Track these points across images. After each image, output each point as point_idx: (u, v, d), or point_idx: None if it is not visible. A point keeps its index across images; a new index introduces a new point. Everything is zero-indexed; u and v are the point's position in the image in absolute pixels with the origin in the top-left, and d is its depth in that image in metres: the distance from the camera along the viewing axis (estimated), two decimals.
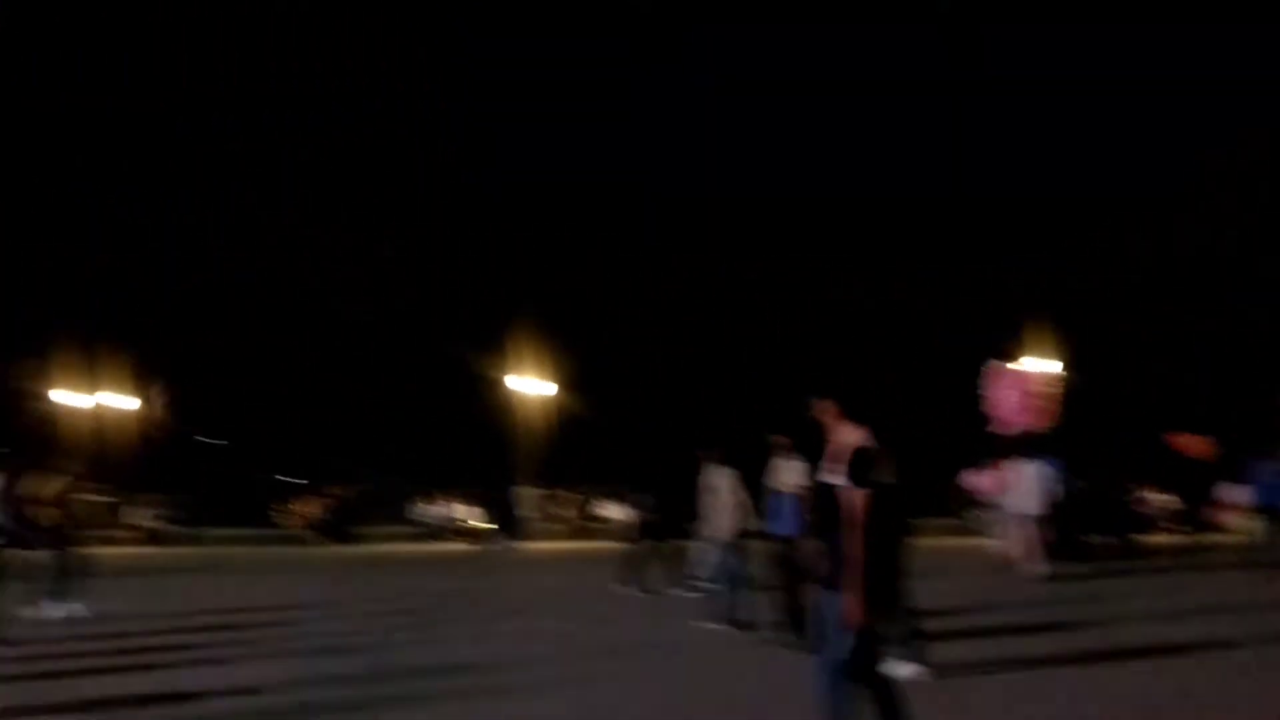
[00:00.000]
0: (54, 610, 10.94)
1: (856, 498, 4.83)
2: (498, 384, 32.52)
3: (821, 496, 5.06)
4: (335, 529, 28.53)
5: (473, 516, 30.50)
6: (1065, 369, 26.64)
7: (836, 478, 4.94)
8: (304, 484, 36.09)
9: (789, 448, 9.30)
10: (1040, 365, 23.70)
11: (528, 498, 29.26)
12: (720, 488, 10.22)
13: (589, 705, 6.92)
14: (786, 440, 9.37)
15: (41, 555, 11.15)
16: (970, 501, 23.39)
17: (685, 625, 10.22)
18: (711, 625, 9.88)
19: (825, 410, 5.12)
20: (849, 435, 5.01)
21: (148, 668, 8.56)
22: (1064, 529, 15.90)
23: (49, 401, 35.78)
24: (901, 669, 6.76)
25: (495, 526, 26.85)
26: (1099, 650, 8.36)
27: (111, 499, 32.55)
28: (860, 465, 4.89)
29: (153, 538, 30.65)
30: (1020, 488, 14.87)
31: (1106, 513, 17.55)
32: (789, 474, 9.19)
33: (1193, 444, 15.73)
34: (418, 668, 8.42)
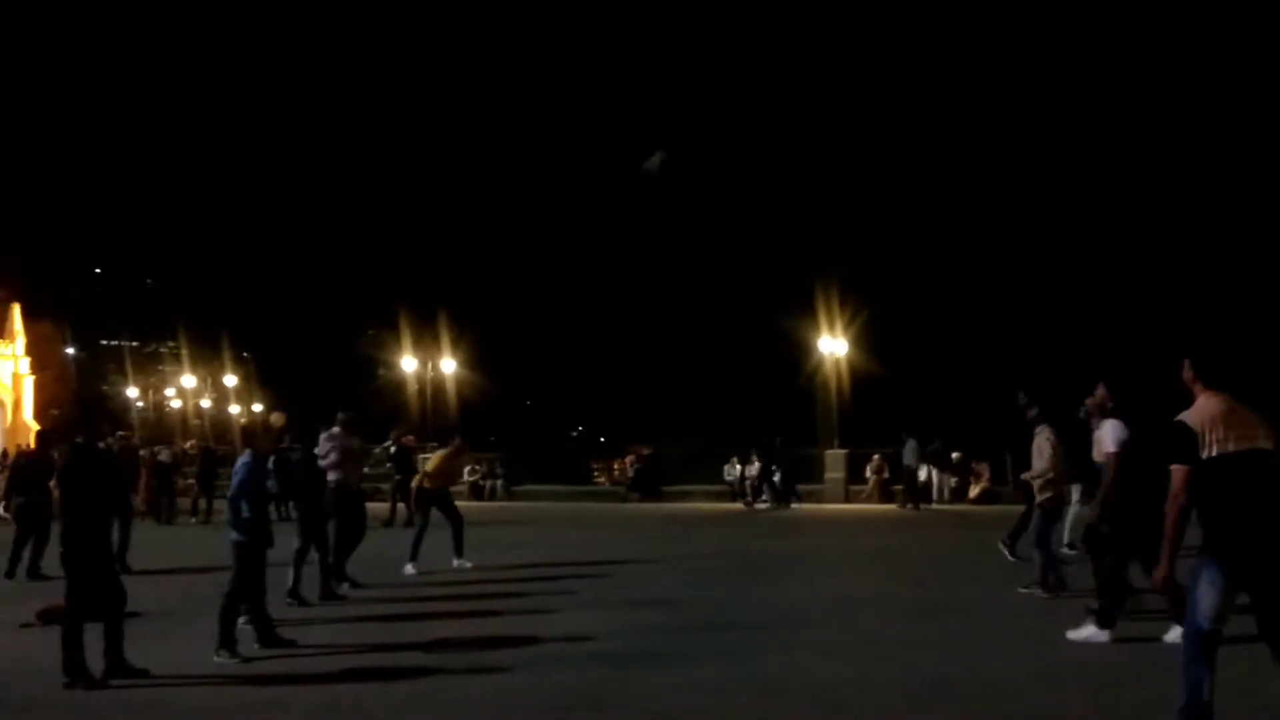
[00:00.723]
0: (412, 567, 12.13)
1: (1176, 474, 4.80)
2: (806, 346, 32.63)
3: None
4: (649, 486, 29.67)
5: (778, 477, 30.89)
6: None
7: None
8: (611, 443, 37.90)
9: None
10: None
11: (834, 459, 29.24)
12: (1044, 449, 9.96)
13: (894, 663, 7.04)
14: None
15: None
16: None
17: (1005, 589, 10.06)
18: (1028, 590, 9.73)
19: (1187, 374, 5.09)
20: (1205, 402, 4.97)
21: (487, 614, 9.47)
22: None
23: (396, 368, 39.34)
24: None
25: (797, 488, 27.08)
26: None
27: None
28: (1180, 442, 4.84)
29: (476, 492, 32.94)
30: None
31: None
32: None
33: None
34: (738, 621, 8.82)
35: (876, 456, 29.65)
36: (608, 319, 44.41)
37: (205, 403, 55.08)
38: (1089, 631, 7.53)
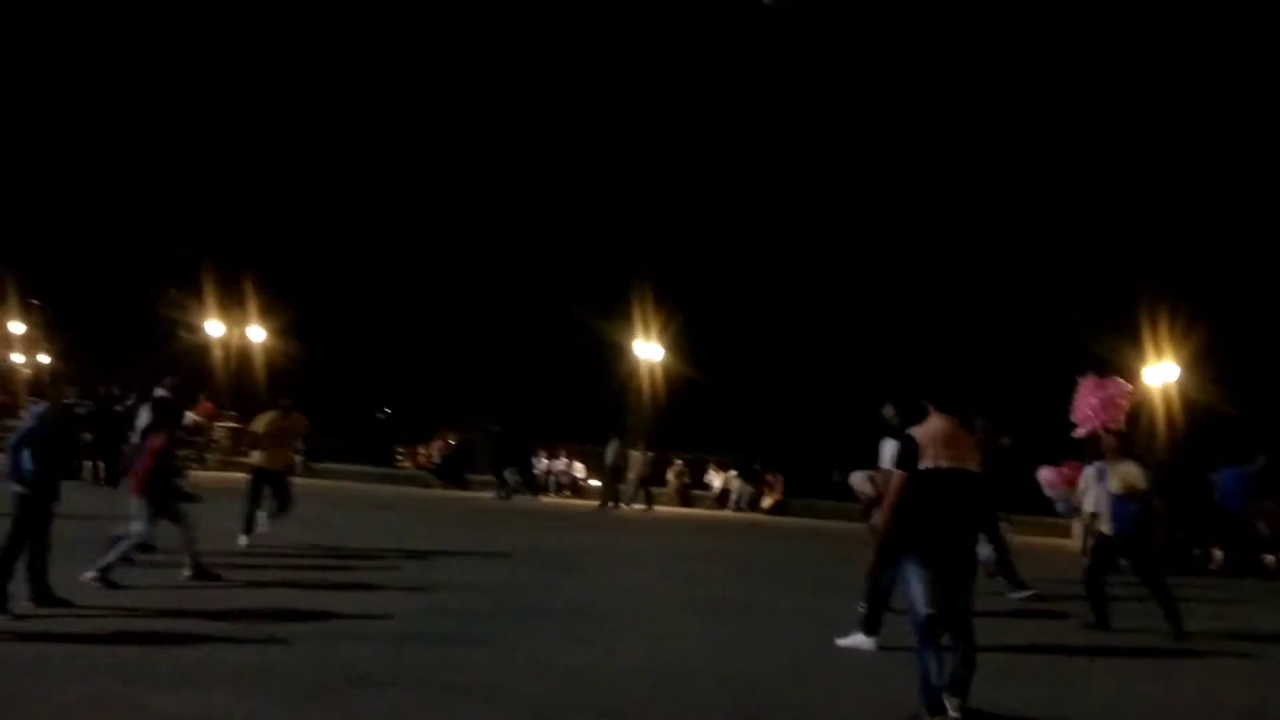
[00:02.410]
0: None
1: (895, 479, 5.81)
2: (619, 347, 33.14)
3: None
4: (455, 473, 29.61)
5: (585, 474, 31.37)
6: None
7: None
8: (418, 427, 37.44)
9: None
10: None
11: (637, 461, 29.84)
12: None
13: (671, 654, 7.45)
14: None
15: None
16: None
17: (783, 595, 10.67)
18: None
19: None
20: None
21: (283, 586, 9.45)
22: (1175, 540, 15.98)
23: (201, 332, 37.76)
24: None
25: (605, 485, 27.58)
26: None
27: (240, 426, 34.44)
28: (906, 452, 5.84)
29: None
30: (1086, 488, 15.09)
31: (1227, 528, 17.25)
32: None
33: None
34: (531, 608, 9.09)
35: (679, 461, 30.54)
36: (428, 302, 43.84)
37: None
38: (856, 639, 8.11)
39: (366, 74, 43.22)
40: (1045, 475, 16.20)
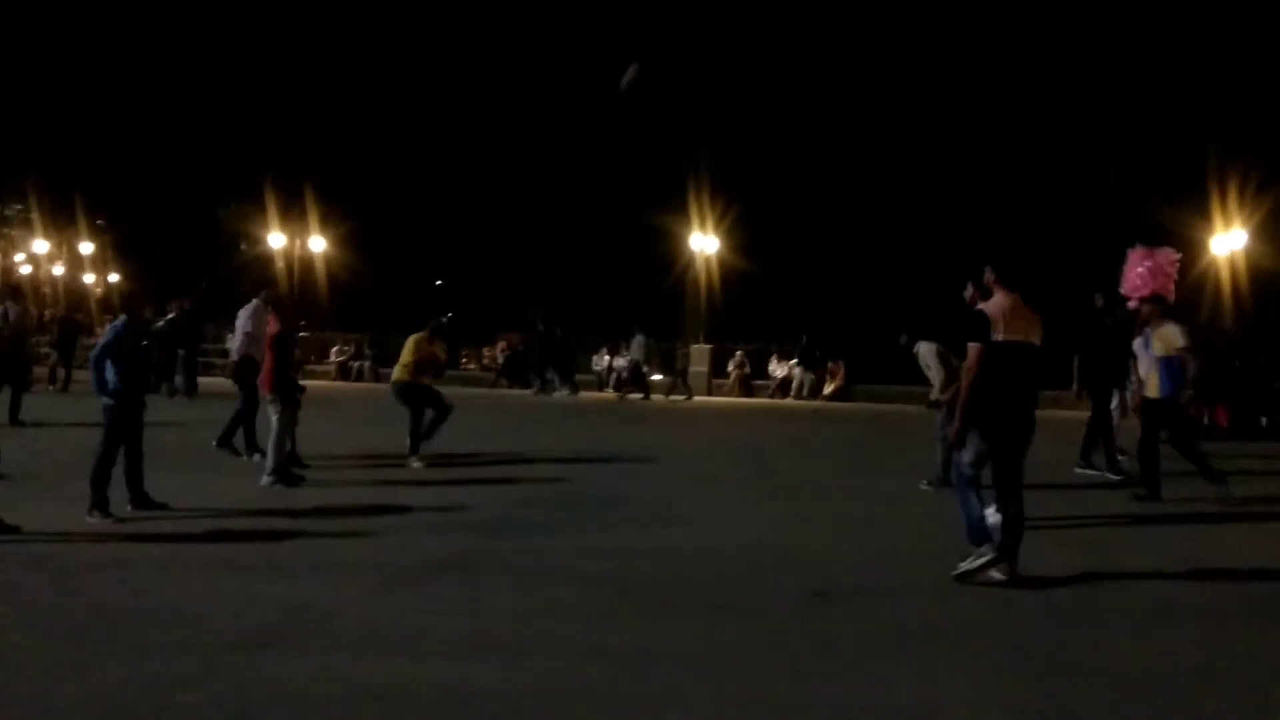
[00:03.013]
0: None
1: (972, 351, 6.10)
2: (675, 240, 33.05)
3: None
4: (520, 374, 29.93)
5: (649, 369, 31.62)
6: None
7: None
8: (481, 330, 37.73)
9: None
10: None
11: (699, 354, 30.01)
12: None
13: (741, 536, 7.68)
14: None
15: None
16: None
17: (858, 477, 10.84)
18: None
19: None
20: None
21: (362, 484, 9.84)
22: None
23: (263, 244, 38.28)
24: None
25: (671, 379, 27.83)
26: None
27: (308, 336, 35.21)
28: (978, 325, 6.17)
29: (344, 373, 32.77)
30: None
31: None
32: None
33: None
34: (600, 499, 9.37)
35: (739, 353, 30.63)
36: (477, 209, 43.93)
37: (58, 270, 52.79)
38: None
39: None
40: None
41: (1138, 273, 10.16)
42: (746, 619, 5.45)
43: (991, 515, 7.34)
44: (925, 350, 9.93)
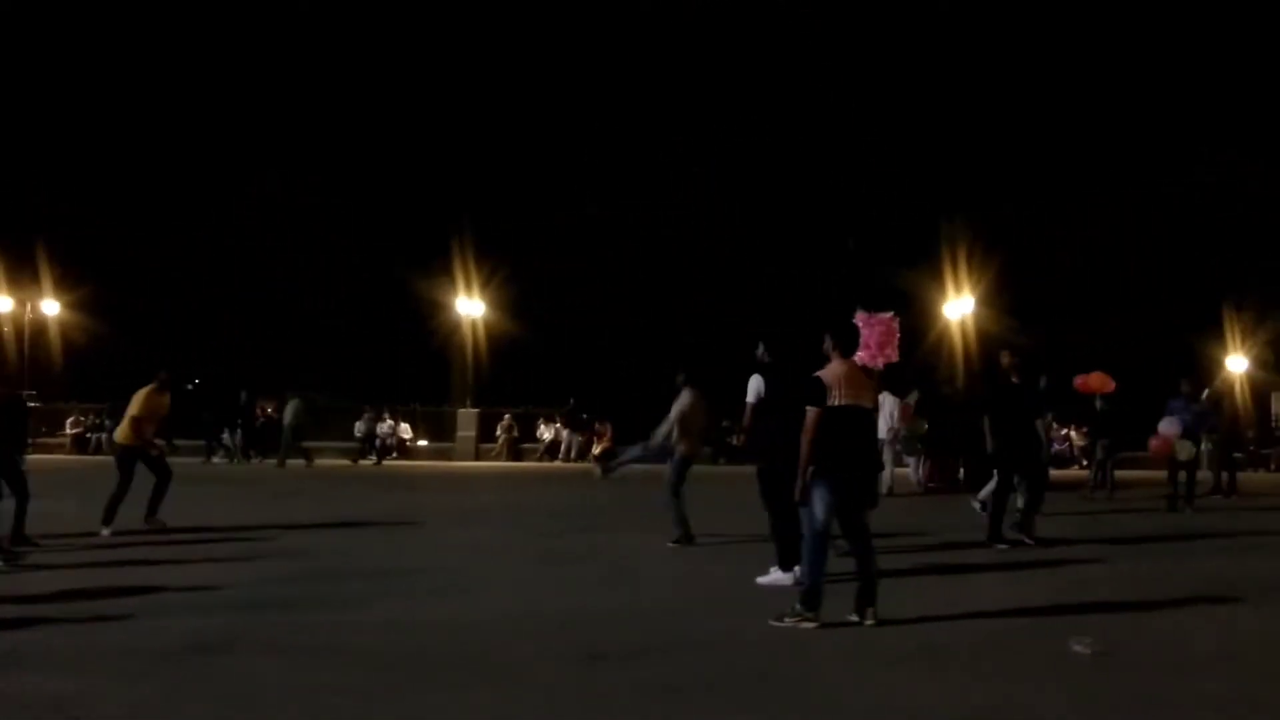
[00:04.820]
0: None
1: (811, 414, 6.68)
2: (440, 306, 32.84)
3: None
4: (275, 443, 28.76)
5: (413, 434, 31.14)
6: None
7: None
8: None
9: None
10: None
11: (466, 418, 29.83)
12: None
13: (514, 602, 7.69)
14: None
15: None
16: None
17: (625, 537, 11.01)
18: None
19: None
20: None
21: (108, 565, 9.20)
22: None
23: None
24: None
25: (431, 444, 27.54)
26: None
27: (39, 406, 32.67)
28: (816, 391, 6.73)
29: (80, 445, 30.67)
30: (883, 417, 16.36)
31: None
32: None
33: (1095, 381, 16.82)
34: (365, 570, 9.14)
35: (507, 416, 30.66)
36: (231, 270, 42.30)
37: None
38: (774, 575, 8.39)
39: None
40: None
41: (866, 339, 11.00)
42: (520, 684, 5.46)
43: (777, 576, 7.90)
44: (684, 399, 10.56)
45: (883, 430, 16.45)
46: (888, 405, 16.63)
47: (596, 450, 28.46)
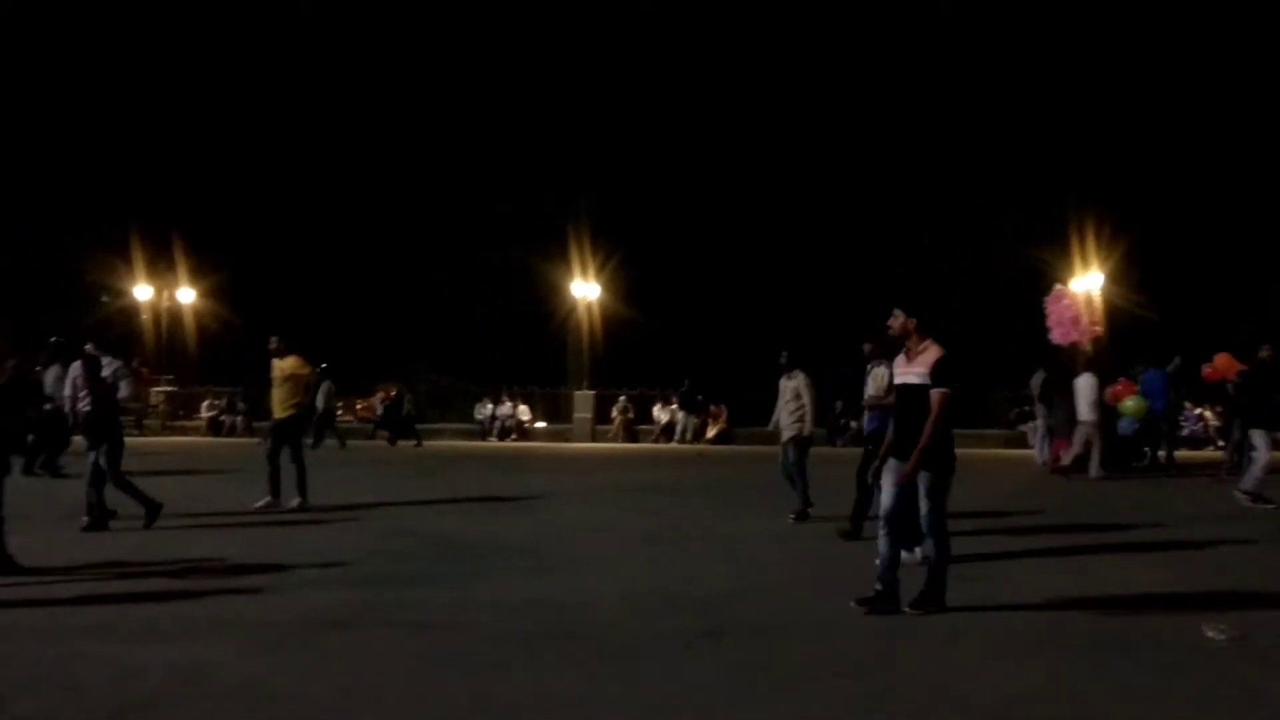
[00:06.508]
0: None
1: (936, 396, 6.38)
2: (556, 288, 33.17)
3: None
4: (395, 424, 29.54)
5: (531, 417, 31.60)
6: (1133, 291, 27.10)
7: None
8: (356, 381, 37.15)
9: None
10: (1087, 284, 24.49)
11: (582, 400, 30.12)
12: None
13: (624, 580, 7.75)
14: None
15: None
16: (1022, 414, 24.79)
17: (737, 520, 11.03)
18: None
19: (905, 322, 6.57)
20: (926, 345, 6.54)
21: (237, 541, 9.60)
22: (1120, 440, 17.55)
23: (127, 295, 37.00)
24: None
25: (548, 426, 27.89)
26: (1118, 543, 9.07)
27: (177, 390, 34.14)
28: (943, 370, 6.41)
29: (214, 428, 31.86)
30: (1079, 397, 16.46)
31: (1155, 428, 18.33)
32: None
33: (1221, 363, 16.12)
34: (482, 548, 9.34)
35: (622, 398, 30.84)
36: (354, 256, 43.39)
37: None
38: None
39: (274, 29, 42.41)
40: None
41: (1065, 317, 10.77)
42: (635, 662, 5.51)
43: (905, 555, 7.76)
44: (801, 381, 10.52)
45: (1084, 411, 16.25)
46: (1085, 384, 16.49)
47: (712, 432, 28.43)
